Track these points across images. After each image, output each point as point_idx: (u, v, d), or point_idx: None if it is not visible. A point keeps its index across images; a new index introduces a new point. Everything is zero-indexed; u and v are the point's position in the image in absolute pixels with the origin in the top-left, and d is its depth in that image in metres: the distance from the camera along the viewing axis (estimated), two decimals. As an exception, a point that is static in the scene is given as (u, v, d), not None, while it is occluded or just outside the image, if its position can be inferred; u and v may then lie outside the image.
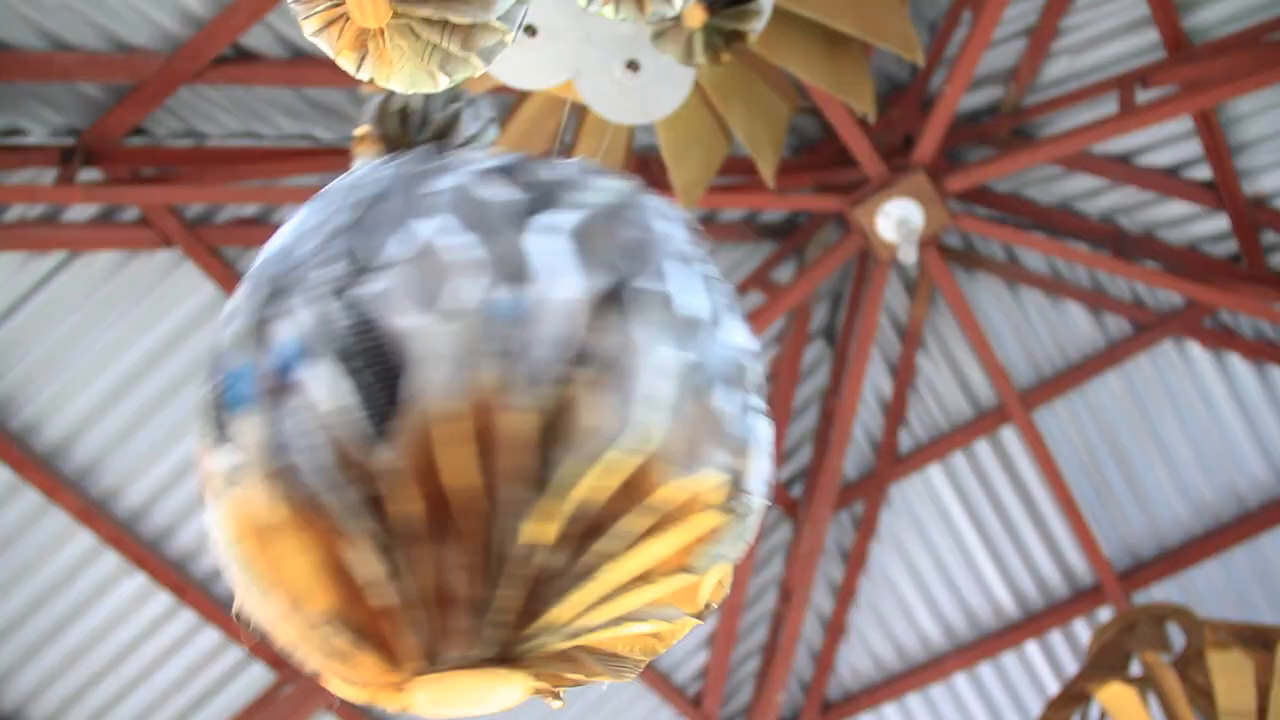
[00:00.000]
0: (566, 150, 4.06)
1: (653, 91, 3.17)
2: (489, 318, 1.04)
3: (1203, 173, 5.35)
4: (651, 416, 1.08)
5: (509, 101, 4.55)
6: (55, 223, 4.67)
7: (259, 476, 1.05)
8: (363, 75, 1.76)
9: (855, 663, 6.77)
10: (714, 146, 3.71)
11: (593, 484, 1.07)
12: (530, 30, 3.02)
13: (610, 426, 1.06)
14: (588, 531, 1.09)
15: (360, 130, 2.18)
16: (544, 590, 1.09)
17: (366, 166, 1.26)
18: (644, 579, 1.14)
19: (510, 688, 1.11)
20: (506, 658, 1.09)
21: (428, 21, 1.66)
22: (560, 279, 1.08)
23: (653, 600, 1.16)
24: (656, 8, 2.13)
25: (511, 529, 1.05)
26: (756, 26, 2.80)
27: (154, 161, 4.68)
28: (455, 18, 1.65)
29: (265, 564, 1.08)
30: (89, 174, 4.57)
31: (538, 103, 3.69)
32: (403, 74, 1.73)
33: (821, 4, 3.22)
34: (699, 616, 1.22)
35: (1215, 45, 4.95)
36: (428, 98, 2.14)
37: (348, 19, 1.67)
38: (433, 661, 1.07)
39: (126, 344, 4.89)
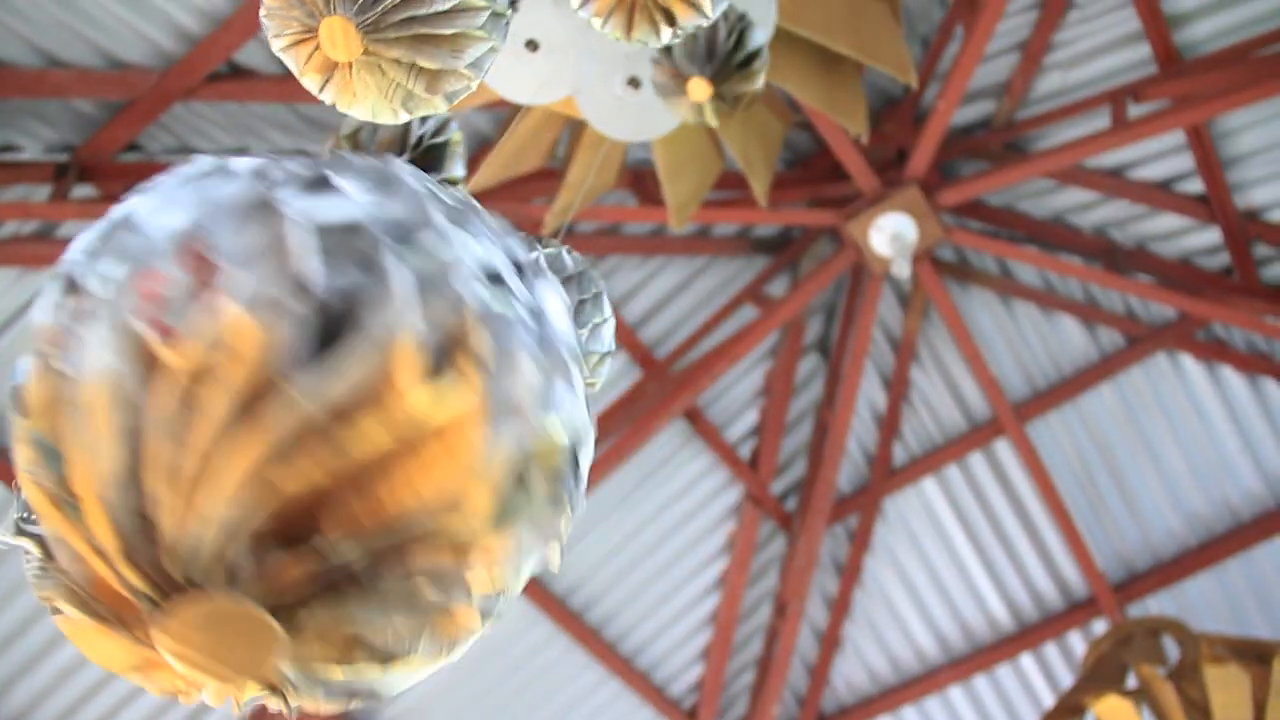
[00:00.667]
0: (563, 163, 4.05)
1: (652, 109, 3.16)
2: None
3: (1195, 186, 5.38)
4: (104, 312, 1.06)
5: (502, 116, 4.55)
6: (49, 239, 4.66)
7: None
8: (324, 98, 1.76)
9: (850, 675, 6.76)
10: (709, 165, 3.72)
11: (100, 392, 1.03)
12: (532, 45, 3.02)
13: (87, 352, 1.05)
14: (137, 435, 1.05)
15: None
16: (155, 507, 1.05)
17: None
18: (252, 441, 1.01)
19: (244, 618, 1.00)
20: (180, 589, 1.03)
21: (397, 63, 1.65)
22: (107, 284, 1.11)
23: (310, 458, 1.02)
24: (642, 34, 2.14)
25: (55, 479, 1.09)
26: (760, 85, 2.80)
27: (148, 177, 4.66)
28: (424, 62, 1.65)
29: (98, 660, 1.18)
30: (83, 190, 4.56)
31: (535, 116, 3.69)
32: (364, 105, 1.73)
33: (819, 24, 3.22)
34: (453, 449, 1.03)
35: (1207, 60, 4.98)
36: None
37: (318, 46, 1.67)
38: (144, 636, 1.08)
39: (120, 359, 4.88)
